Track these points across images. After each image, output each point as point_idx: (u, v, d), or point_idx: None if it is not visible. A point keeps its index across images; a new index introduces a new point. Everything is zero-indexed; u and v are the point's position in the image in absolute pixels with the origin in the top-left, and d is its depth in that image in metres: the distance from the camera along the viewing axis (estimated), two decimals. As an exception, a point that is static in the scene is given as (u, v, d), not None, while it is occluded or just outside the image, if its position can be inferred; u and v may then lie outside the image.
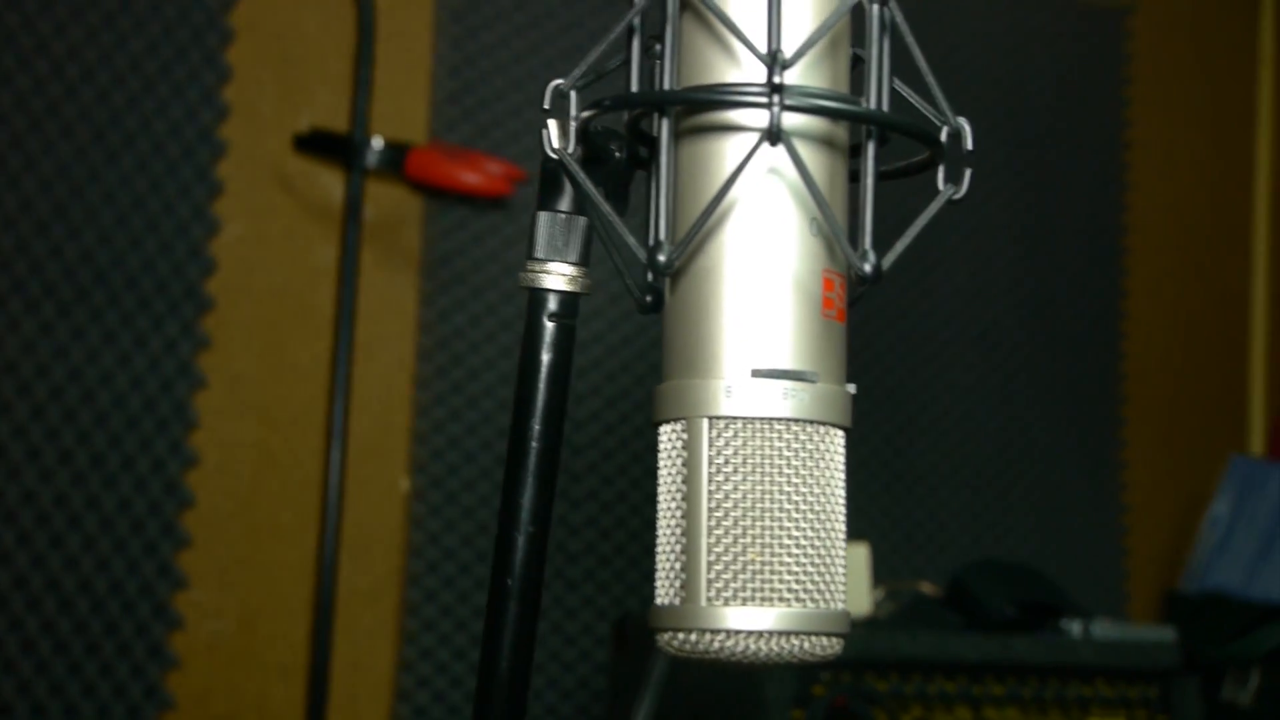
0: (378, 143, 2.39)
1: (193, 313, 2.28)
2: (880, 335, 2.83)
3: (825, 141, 0.78)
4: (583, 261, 0.86)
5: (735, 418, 0.74)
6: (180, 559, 2.25)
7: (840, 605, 0.76)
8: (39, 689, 2.13)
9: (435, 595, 2.41)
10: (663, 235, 0.76)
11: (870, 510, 2.76)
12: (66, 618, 2.16)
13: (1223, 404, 3.31)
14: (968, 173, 0.81)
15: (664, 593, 0.76)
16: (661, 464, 0.77)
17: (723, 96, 0.75)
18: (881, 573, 2.54)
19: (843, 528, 0.77)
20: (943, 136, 0.81)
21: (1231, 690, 2.71)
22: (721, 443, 0.74)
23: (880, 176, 0.82)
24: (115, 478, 2.20)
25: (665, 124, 0.76)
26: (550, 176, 0.86)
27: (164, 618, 2.23)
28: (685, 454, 0.75)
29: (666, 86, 0.77)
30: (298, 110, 2.39)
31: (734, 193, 0.75)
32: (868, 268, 0.75)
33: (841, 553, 0.77)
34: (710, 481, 0.74)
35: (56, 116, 2.20)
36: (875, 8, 0.79)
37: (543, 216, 0.85)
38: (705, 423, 0.74)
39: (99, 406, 2.20)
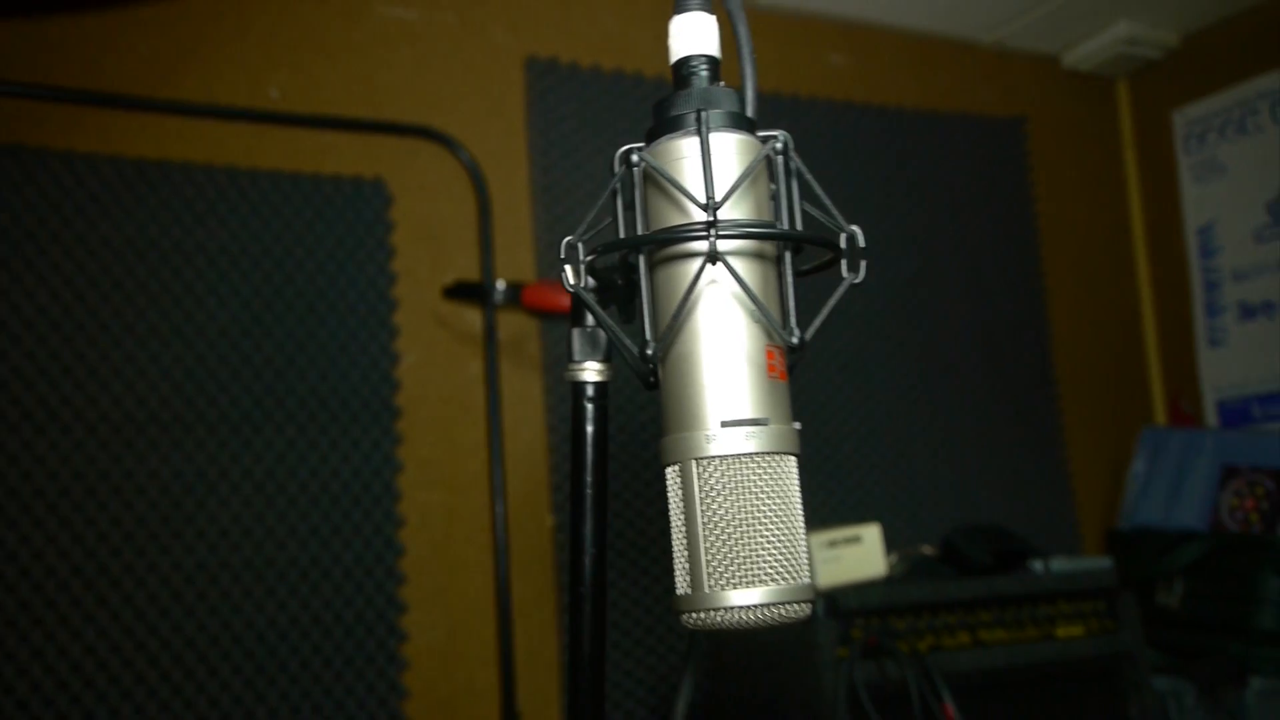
0: (501, 285, 2.44)
1: (389, 419, 2.34)
2: (880, 373, 2.85)
3: (756, 254, 0.82)
4: (607, 359, 0.90)
5: (715, 456, 0.78)
6: (401, 592, 2.30)
7: (806, 580, 0.79)
8: (315, 694, 2.19)
9: (581, 596, 2.44)
10: (649, 336, 0.80)
11: (882, 498, 2.77)
12: (329, 642, 2.21)
13: (1132, 391, 3.30)
14: (863, 264, 0.85)
15: (680, 585, 0.80)
16: (669, 495, 0.81)
17: (677, 235, 0.80)
18: (895, 543, 2.54)
19: (802, 523, 0.81)
20: (842, 241, 0.85)
21: (1163, 596, 2.70)
22: (707, 475, 0.78)
23: (802, 274, 0.86)
24: (351, 541, 2.26)
25: (642, 260, 0.81)
26: (577, 303, 0.90)
27: (395, 634, 2.28)
28: (683, 487, 0.79)
29: (639, 231, 0.82)
30: (444, 270, 2.45)
31: (699, 298, 0.79)
32: (794, 340, 0.79)
33: (803, 542, 0.80)
34: (702, 504, 0.78)
35: (282, 299, 2.28)
36: (780, 159, 0.83)
37: (576, 331, 0.90)
38: (694, 463, 0.79)
39: (333, 493, 2.26)
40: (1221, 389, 3.13)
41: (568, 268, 0.85)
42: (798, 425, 0.82)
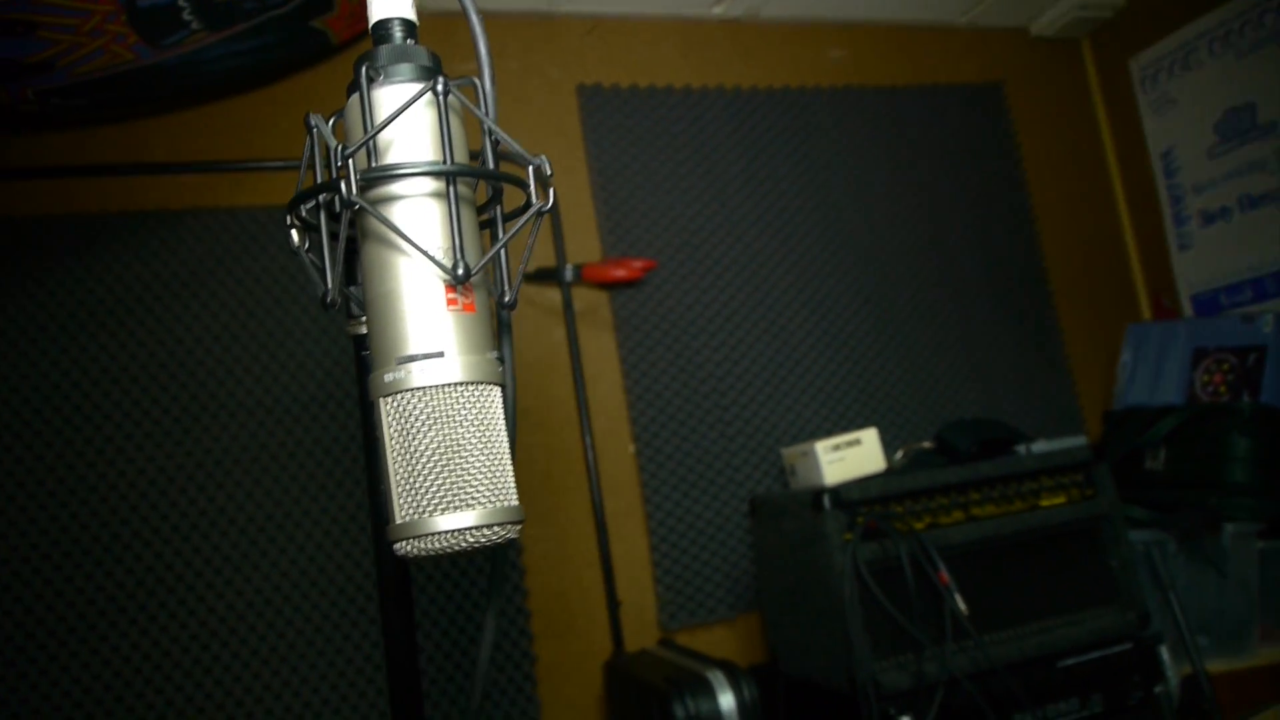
0: (570, 267, 2.30)
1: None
2: (900, 300, 2.60)
3: (433, 195, 0.65)
4: None
5: (400, 391, 0.62)
6: (513, 515, 2.19)
7: (513, 502, 0.63)
8: (457, 595, 2.10)
9: (660, 505, 2.29)
10: (329, 284, 0.65)
11: (909, 402, 2.53)
12: (463, 555, 2.12)
13: (1119, 295, 2.96)
14: (551, 190, 0.67)
15: (397, 515, 0.63)
16: (379, 429, 0.65)
17: (317, 189, 0.65)
18: (903, 438, 2.32)
19: (505, 449, 0.64)
20: (530, 170, 0.69)
21: (1150, 462, 2.41)
22: (396, 408, 0.62)
23: (508, 217, 0.70)
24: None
25: (322, 214, 0.66)
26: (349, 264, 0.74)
27: (514, 546, 2.17)
28: (384, 421, 0.63)
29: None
30: (530, 262, 2.32)
31: (370, 244, 0.64)
32: (460, 272, 0.62)
33: (508, 466, 0.64)
34: (398, 436, 0.62)
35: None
36: (438, 98, 0.67)
37: (352, 289, 0.74)
38: (382, 401, 0.63)
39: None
40: (1193, 285, 2.78)
41: (292, 232, 0.70)
42: (493, 354, 0.65)
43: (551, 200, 0.68)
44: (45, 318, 1.97)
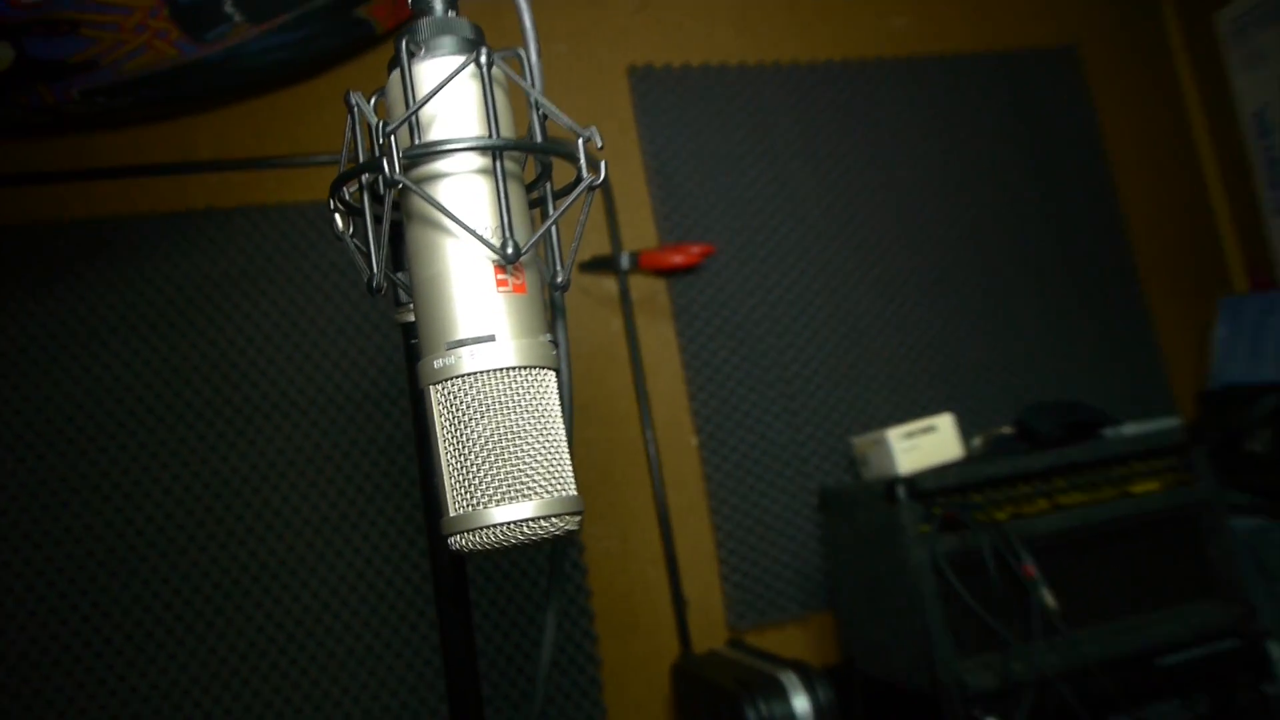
0: (625, 255, 2.24)
1: (549, 376, 2.18)
2: (971, 282, 2.49)
3: (480, 172, 0.60)
4: None
5: (449, 378, 0.58)
6: (573, 512, 2.13)
7: (571, 492, 0.58)
8: (518, 596, 2.06)
9: (725, 500, 2.22)
10: (375, 268, 0.60)
11: (967, 384, 2.41)
12: (524, 556, 2.08)
13: (1211, 267, 2.80)
14: (603, 164, 0.62)
15: (450, 508, 0.59)
16: (429, 418, 0.60)
17: (359, 169, 0.61)
18: (981, 423, 2.22)
19: (561, 436, 0.59)
20: (580, 142, 0.64)
21: (1251, 443, 2.27)
22: (448, 396, 0.58)
23: (558, 194, 0.64)
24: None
25: (365, 194, 0.62)
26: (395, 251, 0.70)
27: (575, 545, 2.13)
28: (434, 410, 0.59)
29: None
30: (581, 249, 2.27)
31: (416, 224, 0.59)
32: (509, 250, 0.57)
33: (565, 454, 0.59)
34: (450, 425, 0.58)
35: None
36: (482, 70, 0.62)
37: (399, 275, 0.69)
38: (432, 389, 0.59)
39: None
40: (1292, 253, 2.62)
41: (337, 217, 0.66)
42: (546, 337, 0.60)
43: (603, 174, 0.63)
44: (96, 321, 1.97)
